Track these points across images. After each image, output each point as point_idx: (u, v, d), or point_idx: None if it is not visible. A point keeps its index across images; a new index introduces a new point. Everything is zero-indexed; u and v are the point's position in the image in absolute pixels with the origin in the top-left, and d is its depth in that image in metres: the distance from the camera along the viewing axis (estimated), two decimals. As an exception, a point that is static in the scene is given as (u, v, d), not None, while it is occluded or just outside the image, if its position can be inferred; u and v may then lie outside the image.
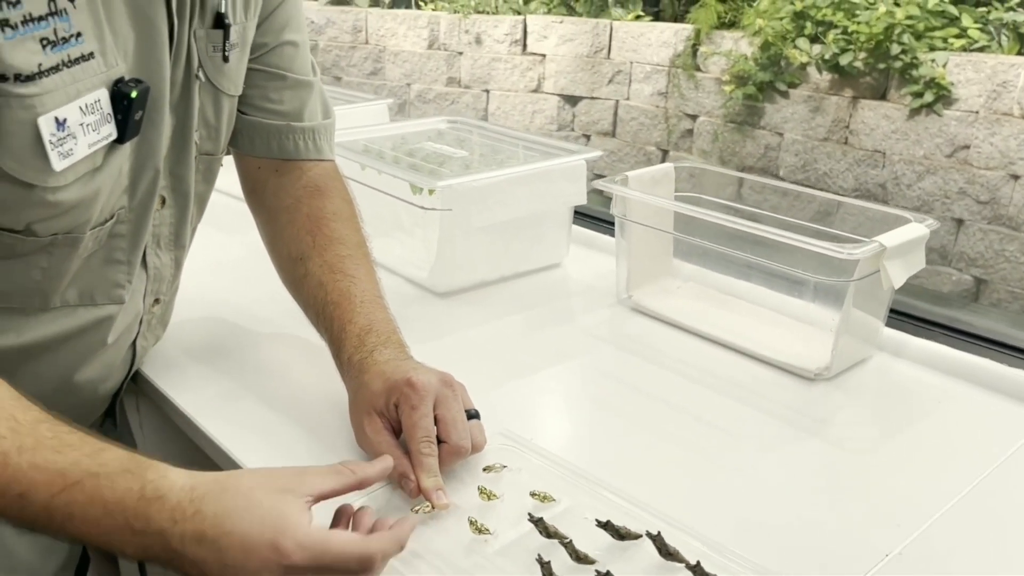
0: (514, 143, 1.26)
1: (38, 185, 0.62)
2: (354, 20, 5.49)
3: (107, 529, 0.57)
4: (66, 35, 0.60)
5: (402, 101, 5.46)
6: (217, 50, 0.78)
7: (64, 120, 0.61)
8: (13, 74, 0.58)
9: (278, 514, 0.57)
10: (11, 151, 0.60)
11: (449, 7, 5.40)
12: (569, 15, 5.29)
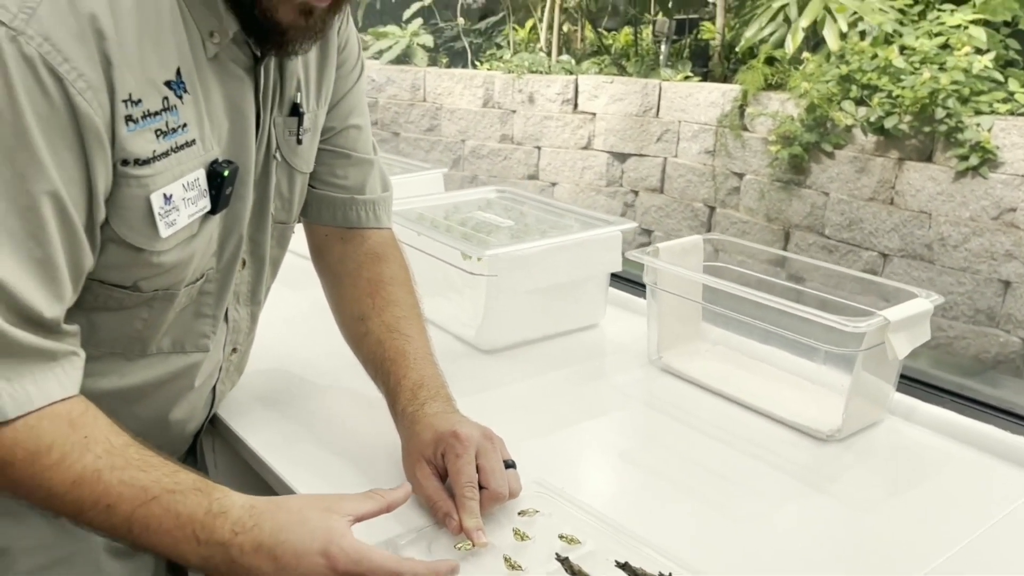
0: (556, 212, 1.37)
1: (146, 249, 0.74)
2: (413, 79, 5.72)
3: (177, 539, 0.68)
4: (175, 126, 0.72)
5: (457, 156, 5.65)
6: (292, 134, 0.89)
7: (170, 196, 0.73)
8: (133, 159, 0.69)
9: (326, 527, 0.68)
10: (127, 221, 0.71)
11: (504, 67, 5.61)
12: (620, 75, 5.45)
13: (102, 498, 0.67)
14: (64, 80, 0.63)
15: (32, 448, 0.66)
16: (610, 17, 6.69)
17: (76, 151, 0.66)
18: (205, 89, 0.75)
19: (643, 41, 6.26)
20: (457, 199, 1.45)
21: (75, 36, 0.64)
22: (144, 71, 0.69)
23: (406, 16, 6.37)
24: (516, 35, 6.33)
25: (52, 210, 0.65)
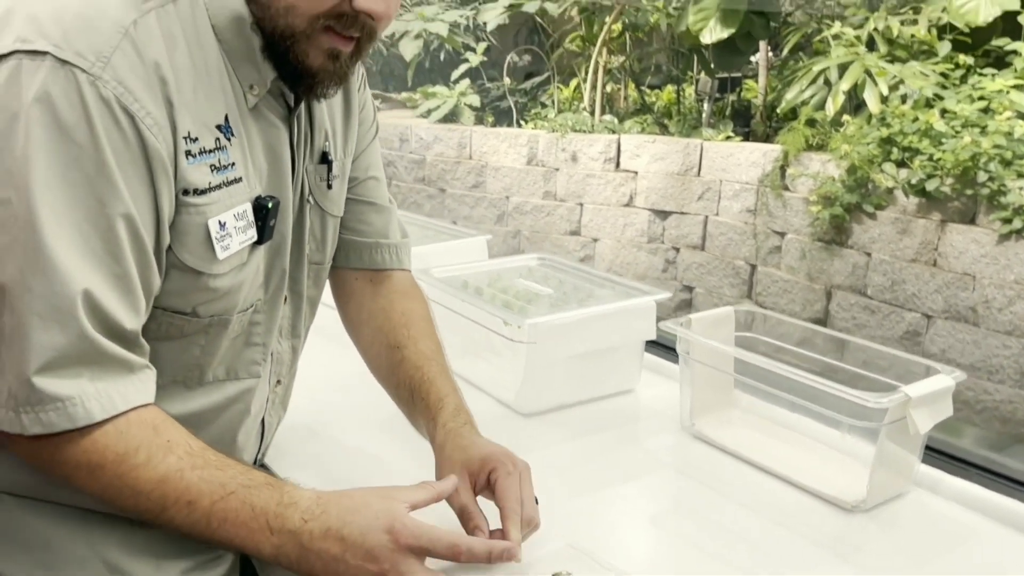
0: (593, 281, 1.43)
1: (204, 272, 0.82)
2: (460, 137, 5.88)
3: (252, 530, 0.76)
4: (225, 163, 0.82)
5: (501, 212, 5.77)
6: (323, 180, 0.99)
7: (224, 223, 0.83)
8: (192, 189, 0.79)
9: (388, 509, 0.78)
10: (187, 246, 0.81)
11: (548, 126, 5.74)
12: (662, 134, 5.54)
13: (184, 495, 0.76)
14: (135, 117, 0.73)
15: (121, 450, 0.75)
16: (653, 75, 6.82)
17: (145, 180, 0.75)
18: (248, 135, 0.85)
19: (686, 99, 6.36)
20: (500, 266, 1.53)
21: (143, 81, 0.74)
22: (199, 114, 0.79)
23: (454, 77, 6.57)
24: (560, 94, 6.49)
25: (127, 231, 0.75)
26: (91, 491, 0.78)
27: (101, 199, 0.73)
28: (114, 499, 0.77)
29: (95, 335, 0.73)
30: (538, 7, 6.03)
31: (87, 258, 0.72)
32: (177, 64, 0.77)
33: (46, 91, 0.70)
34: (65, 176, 0.71)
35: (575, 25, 6.65)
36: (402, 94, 7.28)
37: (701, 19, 5.05)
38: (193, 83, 0.79)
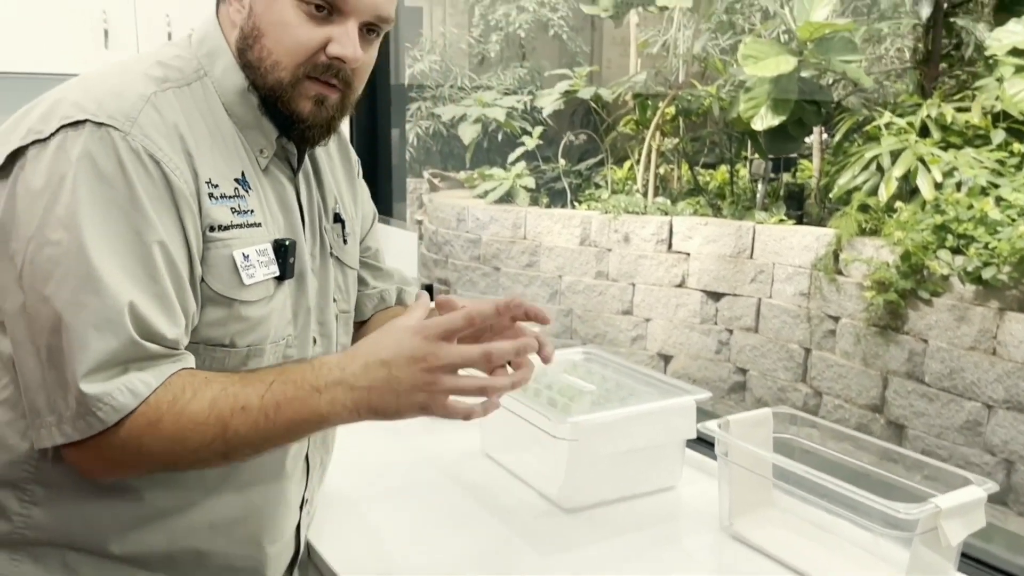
0: (636, 378, 1.48)
1: (236, 300, 0.93)
2: (515, 217, 6.02)
3: (303, 400, 0.84)
4: (244, 209, 0.95)
5: (554, 291, 5.85)
6: (339, 236, 1.12)
7: (247, 255, 0.94)
8: (216, 225, 0.91)
9: (406, 325, 0.85)
10: (218, 277, 0.92)
11: (601, 207, 5.85)
12: (715, 216, 5.60)
13: (235, 404, 0.84)
14: (160, 162, 0.87)
15: (170, 397, 0.84)
16: (706, 154, 6.92)
17: (173, 214, 0.88)
18: (263, 190, 0.98)
19: (739, 180, 6.42)
20: (546, 360, 1.58)
21: (165, 136, 0.88)
22: (217, 169, 0.92)
23: (511, 159, 6.76)
24: (614, 175, 6.61)
25: (162, 256, 0.86)
26: (159, 451, 0.85)
27: (138, 230, 0.85)
28: (182, 445, 0.85)
29: (140, 340, 0.84)
30: (592, 93, 6.22)
31: (129, 279, 0.84)
32: (194, 130, 0.91)
33: (87, 149, 0.85)
34: (106, 215, 0.84)
35: (629, 109, 6.82)
36: (461, 174, 7.50)
37: (752, 107, 5.15)
38: (210, 146, 0.93)
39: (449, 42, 9.50)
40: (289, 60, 0.93)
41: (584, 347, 1.64)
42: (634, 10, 6.73)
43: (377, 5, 0.94)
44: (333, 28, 0.92)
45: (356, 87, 0.98)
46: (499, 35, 9.19)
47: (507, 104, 6.81)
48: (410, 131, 8.43)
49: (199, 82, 0.96)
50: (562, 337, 5.85)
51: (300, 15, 0.92)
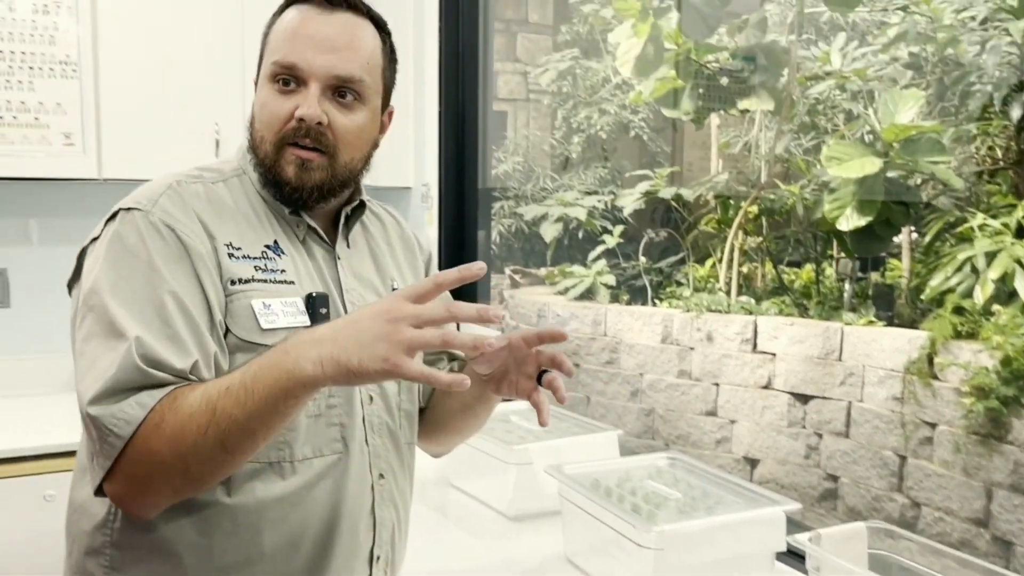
0: (723, 485, 1.45)
1: (259, 344, 1.00)
2: (595, 314, 6.04)
3: (274, 363, 0.88)
4: (274, 268, 1.06)
5: (635, 389, 5.79)
6: None
7: (269, 304, 1.03)
8: (238, 279, 1.02)
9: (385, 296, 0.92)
10: (241, 324, 1.01)
11: (683, 305, 5.82)
12: (800, 316, 5.49)
13: (221, 385, 0.90)
14: (175, 229, 1.00)
15: (170, 399, 0.92)
16: (791, 253, 6.84)
17: (187, 269, 0.99)
18: (301, 256, 1.10)
19: (826, 280, 6.31)
20: (630, 464, 1.57)
21: (182, 211, 1.02)
22: (242, 236, 1.05)
23: (591, 256, 6.83)
24: (696, 273, 6.59)
25: (173, 303, 0.96)
26: (169, 452, 0.90)
27: (152, 285, 0.97)
28: (182, 440, 0.89)
29: (145, 367, 0.92)
30: (673, 193, 6.28)
31: (139, 322, 0.94)
32: (218, 209, 1.05)
33: (116, 230, 1.00)
34: (127, 277, 0.97)
35: (710, 208, 6.85)
36: (542, 271, 7.60)
37: (837, 207, 5.10)
38: (237, 220, 1.06)
39: (532, 144, 9.79)
40: (268, 132, 1.06)
41: (668, 453, 1.62)
42: (715, 112, 6.84)
43: (331, 67, 1.04)
44: (299, 96, 1.04)
45: (344, 152, 1.08)
46: (581, 137, 9.43)
47: (588, 203, 6.92)
48: (493, 229, 8.62)
49: (237, 178, 1.11)
50: (644, 437, 5.75)
51: (274, 93, 1.05)
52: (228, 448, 0.91)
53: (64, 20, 2.35)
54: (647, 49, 5.89)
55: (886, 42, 5.73)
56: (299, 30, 1.05)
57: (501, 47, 10.35)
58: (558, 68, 8.82)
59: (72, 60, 2.37)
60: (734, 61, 6.11)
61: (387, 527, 1.16)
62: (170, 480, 0.94)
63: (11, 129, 2.32)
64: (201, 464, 0.92)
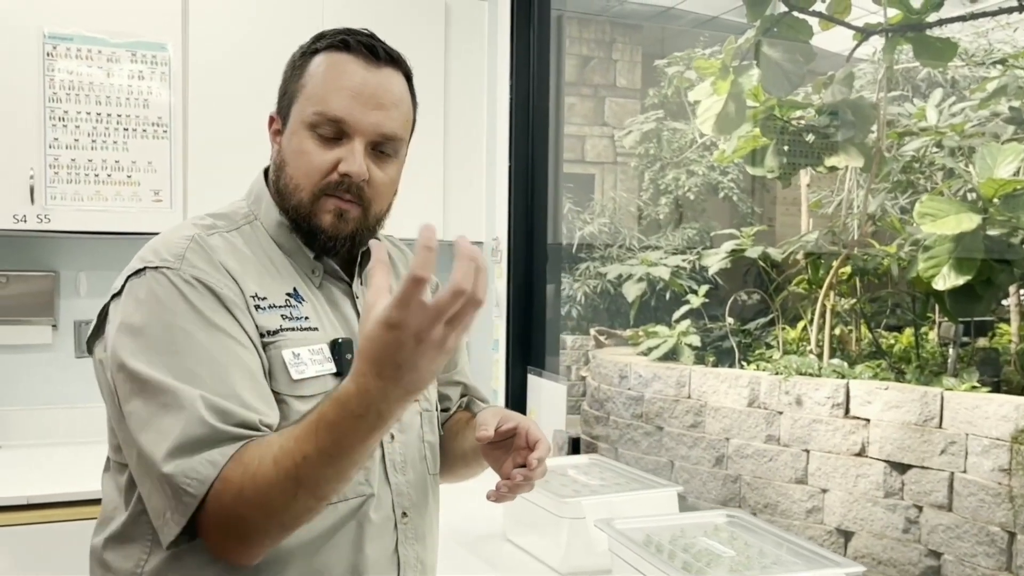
0: (783, 546, 1.37)
1: (291, 395, 1.01)
2: (678, 376, 5.91)
3: (344, 419, 0.85)
4: (298, 316, 1.06)
5: (720, 454, 5.60)
6: None
7: (299, 354, 1.04)
8: (267, 331, 1.03)
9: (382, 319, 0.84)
10: (275, 376, 1.02)
11: (771, 368, 5.63)
12: (897, 380, 5.23)
13: (296, 455, 0.88)
14: (207, 283, 1.01)
15: (241, 471, 0.91)
16: (888, 316, 6.56)
17: (228, 318, 1.00)
18: (319, 301, 1.10)
19: (927, 344, 6.01)
20: (686, 521, 1.51)
21: (208, 264, 1.03)
22: (264, 286, 1.06)
23: (675, 316, 6.72)
24: (786, 335, 6.39)
25: (225, 356, 0.97)
26: (254, 516, 0.90)
27: (198, 337, 0.97)
28: (268, 506, 0.89)
29: (211, 420, 0.92)
30: (760, 252, 6.15)
31: (196, 380, 0.95)
32: (239, 260, 1.05)
33: (150, 289, 1.00)
34: (173, 335, 0.97)
35: (800, 268, 6.67)
36: (627, 332, 7.51)
37: (932, 266, 4.88)
38: (257, 270, 1.06)
39: (619, 205, 9.82)
40: (307, 182, 1.07)
41: (728, 510, 1.55)
42: (804, 170, 6.72)
43: (378, 124, 1.06)
44: (342, 150, 1.05)
45: (377, 203, 1.10)
46: (668, 198, 9.40)
47: (672, 263, 6.85)
48: (579, 289, 8.62)
49: (248, 225, 1.12)
50: (730, 505, 5.53)
51: (314, 143, 1.06)
52: (320, 499, 0.93)
53: (157, 85, 2.50)
54: (728, 107, 5.84)
55: (984, 96, 5.54)
56: (345, 83, 1.06)
57: (589, 111, 10.50)
58: (642, 129, 8.88)
59: (163, 122, 2.52)
60: (820, 117, 6.00)
61: (411, 565, 1.15)
62: (263, 534, 0.95)
63: (106, 186, 2.47)
64: (297, 517, 0.94)
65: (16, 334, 2.69)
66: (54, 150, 2.41)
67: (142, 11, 2.49)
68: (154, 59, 2.50)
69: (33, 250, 2.72)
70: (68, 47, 2.42)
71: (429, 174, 2.79)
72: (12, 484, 2.21)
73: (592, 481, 1.75)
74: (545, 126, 2.70)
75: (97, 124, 2.45)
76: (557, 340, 2.65)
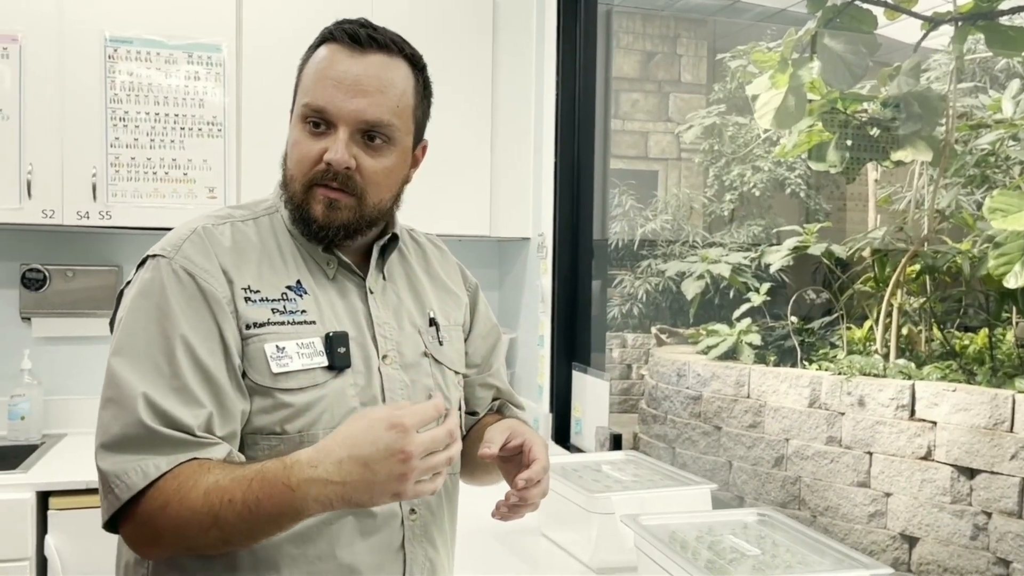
0: (812, 546, 1.34)
1: (272, 387, 1.02)
2: (737, 375, 5.82)
3: (277, 497, 0.90)
4: (293, 309, 1.07)
5: (779, 455, 5.49)
6: (434, 339, 1.21)
7: (283, 347, 1.04)
8: (253, 323, 1.03)
9: (381, 415, 0.91)
10: (255, 368, 1.03)
11: (834, 368, 5.49)
12: (967, 382, 5.05)
13: (224, 495, 0.92)
14: (194, 275, 1.02)
15: (176, 484, 0.94)
16: (961, 316, 6.32)
17: (206, 316, 1.01)
18: (327, 294, 1.11)
19: (1003, 345, 5.77)
20: (714, 519, 1.49)
21: (203, 254, 1.04)
22: (262, 278, 1.07)
23: (736, 315, 6.61)
24: (851, 335, 6.22)
25: (184, 350, 0.98)
26: (169, 532, 0.93)
27: (165, 331, 0.99)
28: (184, 529, 0.92)
29: (154, 425, 0.95)
30: (824, 250, 6.00)
31: (144, 377, 0.97)
32: (241, 251, 1.07)
33: (142, 276, 1.04)
34: (146, 327, 1.00)
35: (867, 266, 6.48)
36: (690, 330, 7.41)
37: (1003, 263, 4.68)
38: (259, 262, 1.08)
39: (682, 202, 9.69)
40: (298, 171, 1.08)
41: (759, 509, 1.53)
42: (872, 166, 6.52)
43: (360, 111, 1.05)
44: (328, 140, 1.06)
45: (373, 193, 1.09)
46: (733, 194, 9.24)
47: (733, 261, 6.73)
48: (640, 287, 8.55)
49: (268, 216, 1.14)
50: (790, 507, 5.42)
51: (305, 134, 1.07)
52: (232, 544, 0.97)
53: (212, 86, 2.58)
54: (787, 101, 5.70)
55: (1064, 87, 5.29)
56: (328, 72, 1.07)
57: (653, 107, 10.38)
58: (703, 124, 8.73)
59: (218, 121, 2.59)
60: (885, 110, 5.80)
61: (419, 563, 1.14)
62: (175, 548, 0.99)
63: (164, 184, 2.56)
64: (205, 547, 0.98)
65: (82, 326, 2.80)
66: (115, 149, 2.51)
67: (198, 14, 2.56)
68: (209, 60, 2.57)
69: (96, 246, 2.83)
70: (128, 49, 2.51)
71: (476, 170, 2.81)
72: (77, 469, 2.31)
73: (625, 477, 1.74)
74: (592, 122, 2.69)
75: (155, 124, 2.53)
76: (603, 336, 2.63)
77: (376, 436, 0.90)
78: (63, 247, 2.79)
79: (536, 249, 2.83)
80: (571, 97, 2.72)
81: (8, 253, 2.75)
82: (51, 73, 2.45)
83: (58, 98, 2.46)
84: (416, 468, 0.90)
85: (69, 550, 2.17)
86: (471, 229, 2.80)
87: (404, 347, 1.16)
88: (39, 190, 2.45)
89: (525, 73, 2.88)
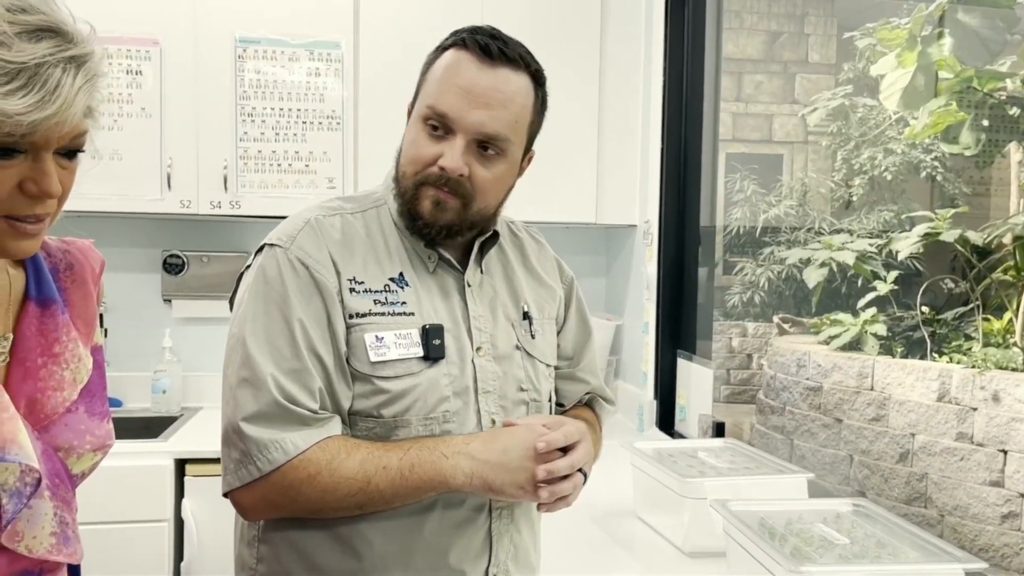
0: (905, 538, 1.32)
1: (370, 375, 1.10)
2: (860, 367, 5.60)
3: (433, 461, 1.05)
4: (394, 300, 1.14)
5: (904, 450, 5.27)
6: (527, 332, 1.27)
7: (382, 337, 1.12)
8: (356, 313, 1.11)
9: (536, 431, 1.11)
10: (357, 356, 1.11)
11: (967, 361, 5.21)
12: (1118, 378, 4.68)
13: (379, 463, 1.05)
14: (308, 266, 1.10)
15: (328, 457, 1.05)
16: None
17: (317, 302, 1.10)
18: (428, 288, 1.17)
19: None
20: (807, 507, 1.48)
21: (317, 248, 1.12)
22: (366, 270, 1.14)
23: (860, 304, 6.36)
24: (988, 327, 5.87)
25: (302, 335, 1.08)
26: (311, 499, 1.04)
27: (285, 316, 1.09)
28: (334, 493, 1.04)
29: (281, 399, 1.05)
30: (958, 236, 5.68)
31: (271, 359, 1.07)
32: (350, 242, 1.14)
33: (261, 264, 1.12)
34: (264, 307, 1.09)
35: (1007, 253, 6.09)
36: (812, 320, 7.18)
37: None
38: (364, 254, 1.15)
39: (808, 187, 9.35)
40: (411, 169, 1.13)
41: (855, 499, 1.51)
42: (1016, 147, 6.11)
43: (481, 123, 1.09)
44: (445, 144, 1.10)
45: (480, 199, 1.13)
46: (863, 179, 8.84)
47: (858, 248, 6.46)
48: (761, 275, 8.33)
49: (376, 208, 1.20)
50: (914, 505, 5.19)
51: (424, 135, 1.12)
52: (364, 509, 1.08)
53: (331, 81, 2.72)
54: (916, 80, 5.40)
55: None
56: (456, 80, 1.10)
57: (777, 89, 10.05)
58: (828, 106, 8.39)
59: (337, 115, 2.73)
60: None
61: (504, 548, 1.19)
62: (298, 512, 1.09)
63: (287, 175, 2.72)
64: (335, 512, 1.08)
65: (216, 308, 3.02)
66: (244, 143, 2.69)
67: (318, 13, 2.71)
68: (329, 57, 2.71)
69: (228, 233, 3.04)
70: (256, 49, 2.68)
71: (583, 158, 2.84)
72: (212, 439, 2.49)
73: (721, 464, 1.75)
74: (700, 106, 2.67)
75: (280, 118, 2.70)
76: (709, 324, 2.62)
77: (522, 436, 1.09)
78: (198, 234, 3.02)
79: (642, 236, 2.84)
80: (679, 82, 2.71)
81: (152, 240, 3.00)
82: (188, 73, 2.65)
83: (194, 96, 2.66)
84: (540, 469, 1.07)
85: (202, 513, 2.37)
86: (577, 217, 2.83)
87: (497, 339, 1.22)
88: (178, 182, 2.66)
89: (633, 59, 2.89)
